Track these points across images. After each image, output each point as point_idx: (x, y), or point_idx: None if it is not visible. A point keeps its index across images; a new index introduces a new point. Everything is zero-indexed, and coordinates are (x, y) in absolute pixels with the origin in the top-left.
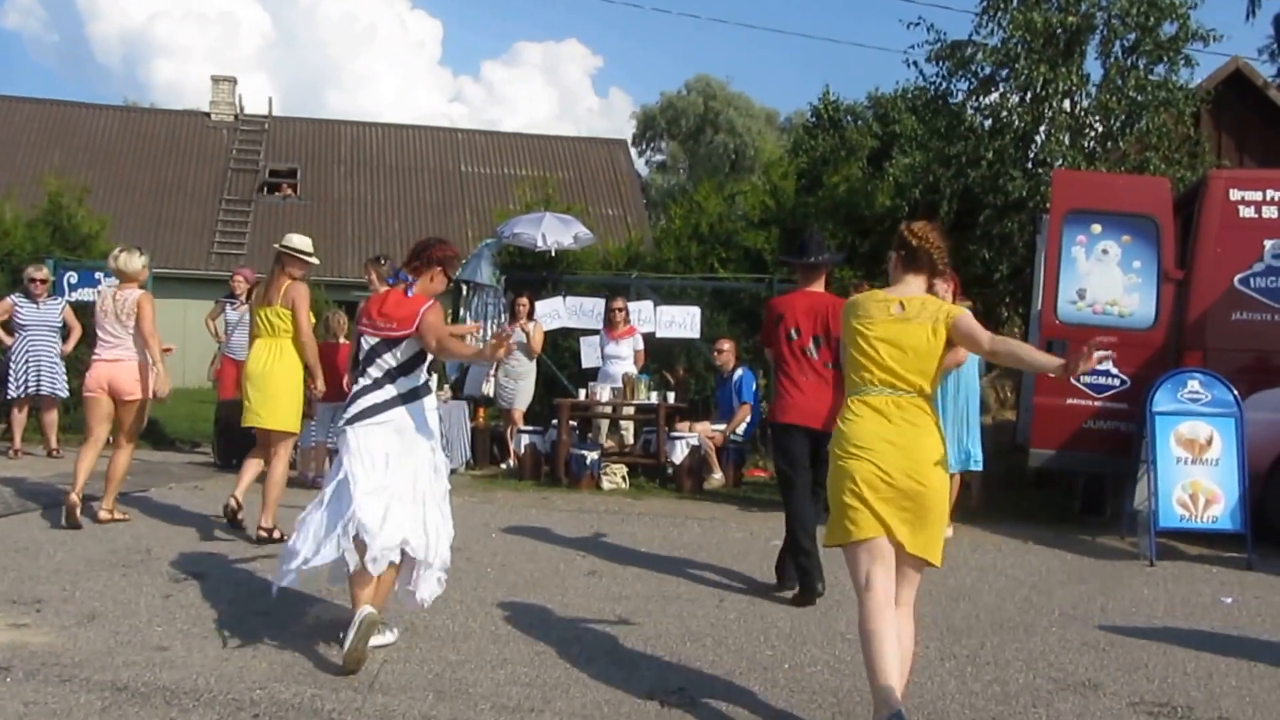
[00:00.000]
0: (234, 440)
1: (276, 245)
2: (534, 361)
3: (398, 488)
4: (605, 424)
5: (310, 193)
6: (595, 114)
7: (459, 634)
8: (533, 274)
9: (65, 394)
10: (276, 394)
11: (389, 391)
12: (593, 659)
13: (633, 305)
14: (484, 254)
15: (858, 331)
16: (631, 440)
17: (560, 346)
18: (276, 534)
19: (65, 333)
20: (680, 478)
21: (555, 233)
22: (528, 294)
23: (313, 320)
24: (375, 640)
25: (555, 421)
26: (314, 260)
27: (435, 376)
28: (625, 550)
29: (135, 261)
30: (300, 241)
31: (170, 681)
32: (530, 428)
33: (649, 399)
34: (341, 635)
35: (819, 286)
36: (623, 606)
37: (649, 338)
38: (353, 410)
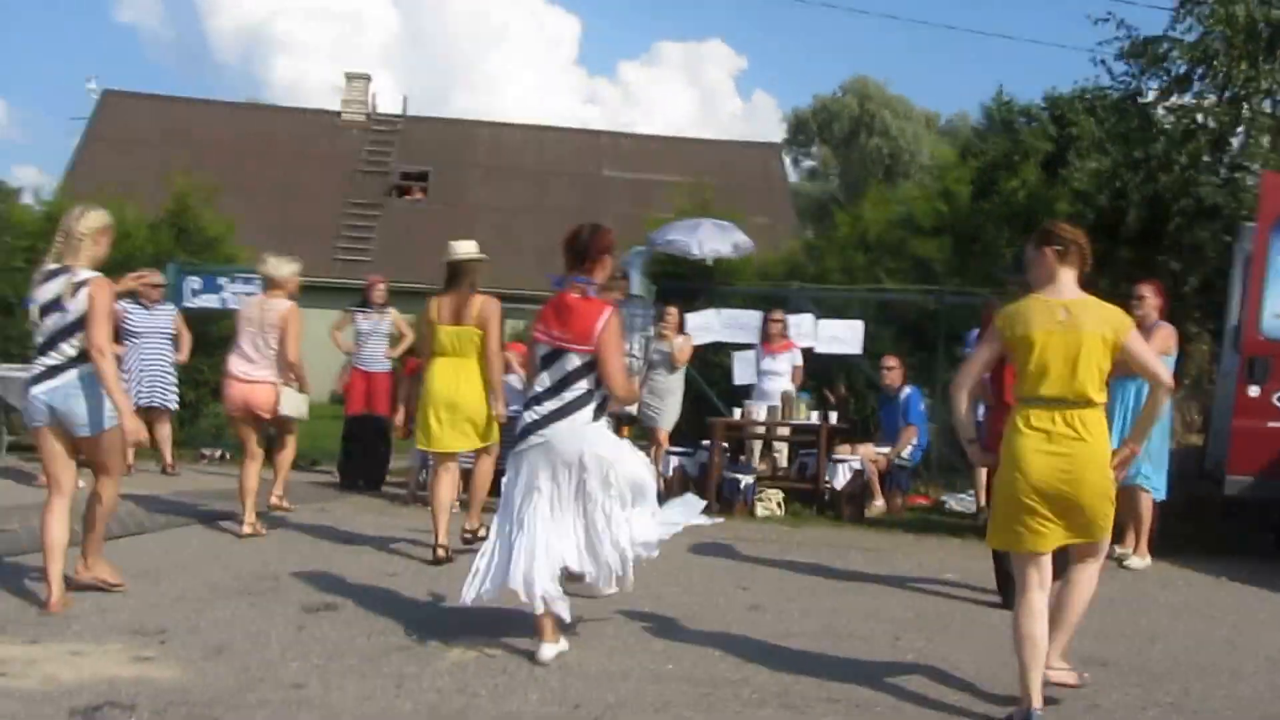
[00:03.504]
0: (360, 459)
1: (453, 257)
2: (681, 377)
3: (545, 521)
4: (758, 446)
5: (442, 196)
6: (738, 118)
7: (616, 674)
8: (686, 284)
9: (176, 406)
10: (464, 417)
11: (555, 403)
12: (764, 703)
13: (791, 319)
14: (634, 262)
15: (1021, 340)
16: (786, 463)
17: (711, 362)
18: (482, 531)
19: (178, 341)
20: (840, 504)
21: (713, 240)
22: (677, 304)
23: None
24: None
25: (706, 442)
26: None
27: None
28: (787, 583)
29: (286, 268)
30: (471, 247)
31: None
32: (678, 449)
33: (809, 419)
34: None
35: None
36: (791, 645)
37: (808, 353)
38: (523, 424)
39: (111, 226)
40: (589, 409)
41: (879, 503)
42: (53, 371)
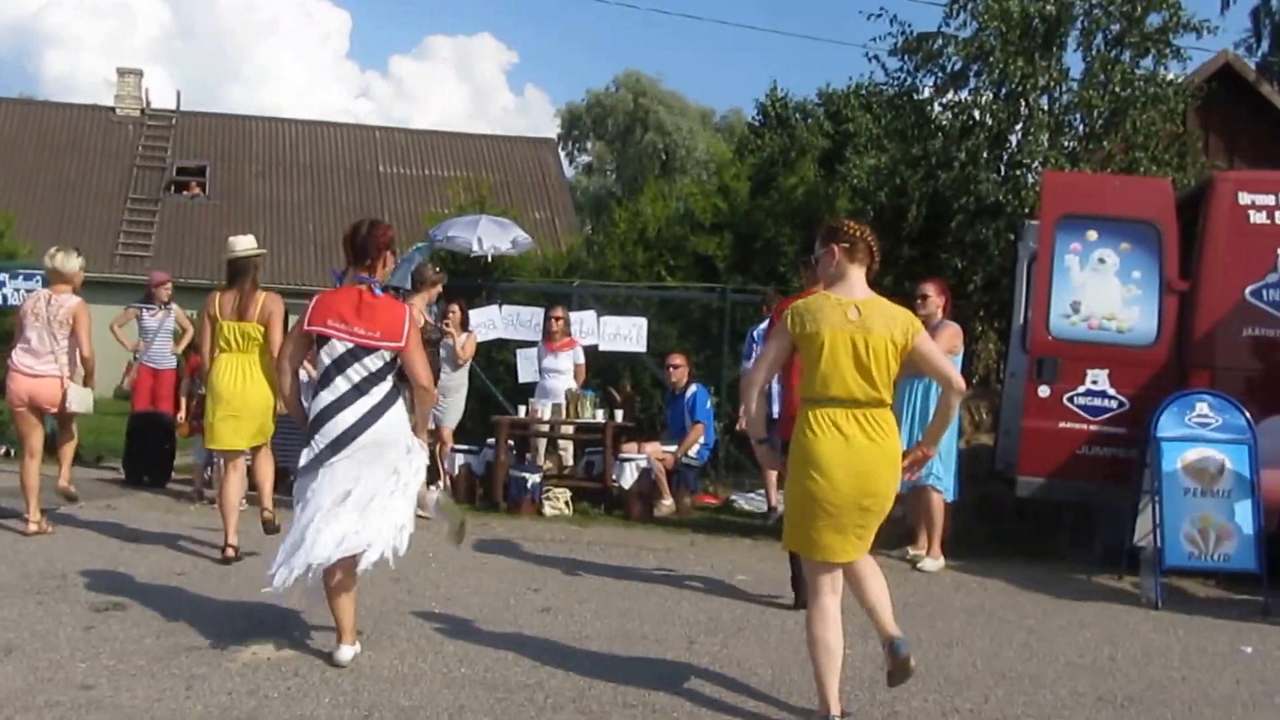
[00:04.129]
0: (145, 456)
1: (233, 254)
2: (465, 375)
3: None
4: (544, 444)
5: (220, 192)
6: (511, 113)
7: (409, 676)
8: (467, 280)
9: None
10: (252, 415)
11: (362, 406)
12: (559, 707)
13: (574, 315)
14: (414, 259)
15: (810, 338)
16: (571, 462)
17: (495, 359)
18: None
19: None
20: (629, 503)
21: (492, 236)
22: (460, 301)
23: None
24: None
25: (491, 441)
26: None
27: None
28: (579, 584)
29: (73, 262)
30: (250, 242)
31: None
32: (464, 447)
33: (594, 417)
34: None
35: None
36: (585, 648)
37: (591, 351)
38: (322, 437)
39: None
40: (400, 405)
41: (667, 502)
42: None
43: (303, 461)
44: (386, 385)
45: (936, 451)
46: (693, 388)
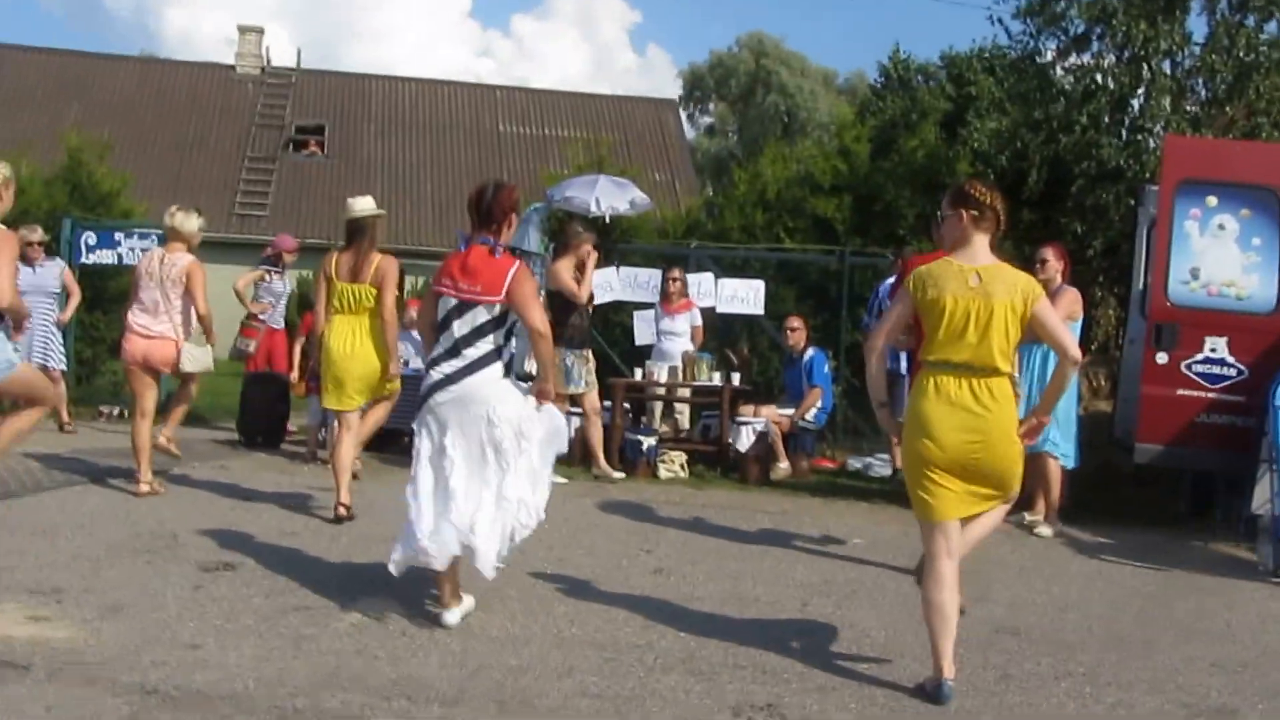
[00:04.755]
0: (258, 416)
1: (352, 214)
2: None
3: (460, 473)
4: (659, 407)
5: (338, 151)
6: (632, 73)
7: (519, 638)
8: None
9: (64, 365)
10: (360, 376)
11: (457, 362)
12: (669, 668)
13: (691, 277)
14: (532, 219)
15: (932, 304)
16: (687, 425)
17: (612, 321)
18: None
19: (65, 299)
20: (745, 467)
21: (610, 197)
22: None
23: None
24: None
25: (607, 403)
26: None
27: None
28: (692, 546)
29: (192, 222)
30: (369, 203)
31: (204, 684)
32: (578, 409)
33: (711, 380)
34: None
35: None
36: (697, 609)
37: (708, 313)
38: (424, 391)
39: (10, 178)
40: (498, 365)
41: (783, 465)
42: None
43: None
44: (486, 344)
45: (1051, 419)
46: (810, 351)
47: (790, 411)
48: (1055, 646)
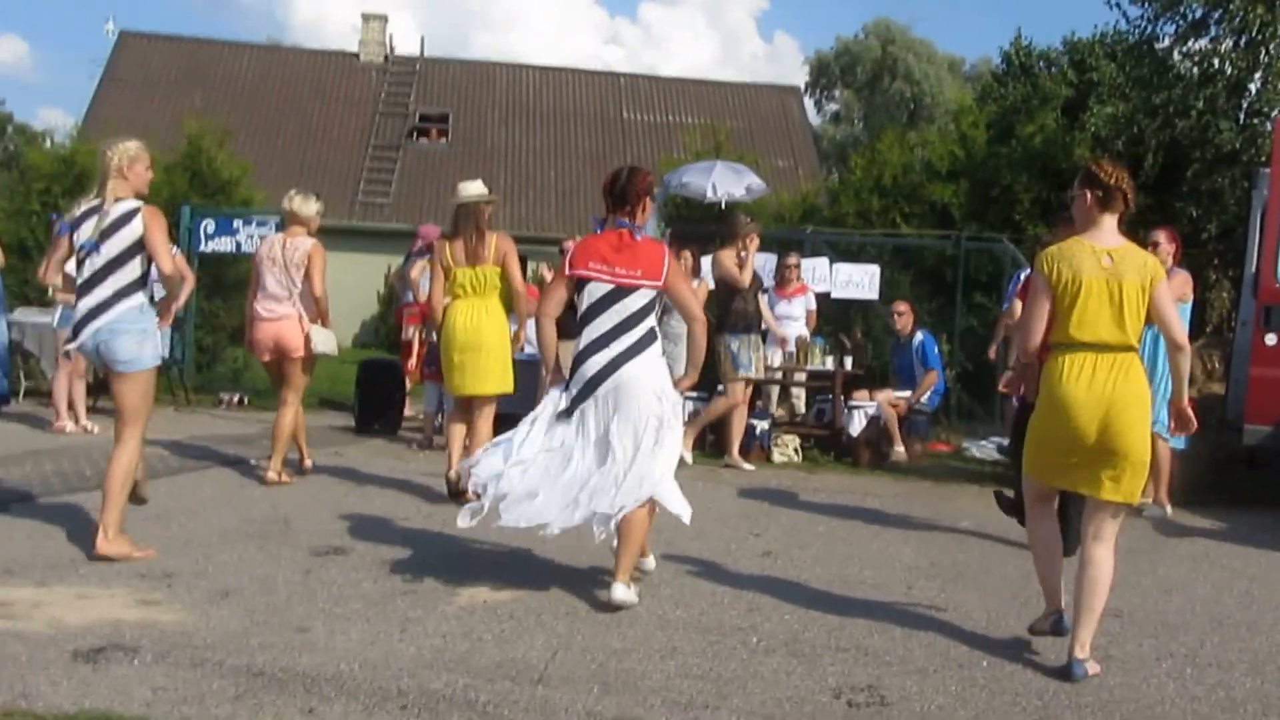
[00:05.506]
0: (375, 402)
1: (461, 199)
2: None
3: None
4: (776, 391)
5: (461, 139)
6: (760, 60)
7: (624, 619)
8: (700, 227)
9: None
10: (494, 357)
11: (617, 348)
12: (771, 650)
13: (806, 262)
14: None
15: (1066, 284)
16: (804, 409)
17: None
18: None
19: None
20: (858, 451)
21: (726, 183)
22: (693, 248)
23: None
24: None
25: (721, 388)
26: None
27: None
28: (801, 530)
29: (311, 205)
30: (480, 188)
31: (310, 667)
32: (693, 394)
33: (824, 364)
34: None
35: None
36: (802, 592)
37: (823, 298)
38: (578, 379)
39: (145, 155)
40: (657, 346)
41: (899, 449)
42: (95, 312)
43: (561, 406)
44: (644, 328)
45: (1160, 396)
46: (919, 335)
47: (906, 394)
48: (1158, 628)
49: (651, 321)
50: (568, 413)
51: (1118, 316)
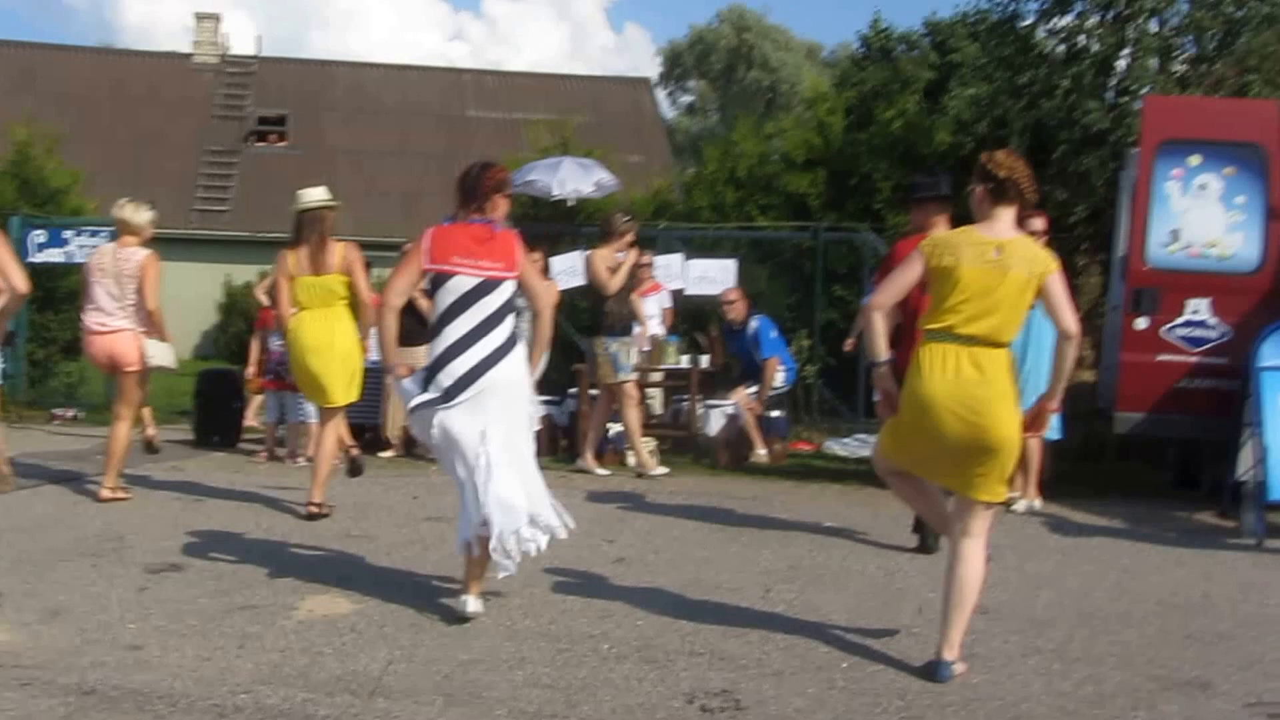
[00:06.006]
0: (213, 414)
1: (302, 206)
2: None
3: (507, 455)
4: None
5: (302, 141)
6: (610, 52)
7: (470, 630)
8: (548, 226)
9: None
10: (342, 367)
11: (490, 344)
12: (623, 657)
13: (659, 259)
14: None
15: (945, 272)
16: (660, 410)
17: (579, 307)
18: (327, 509)
19: None
20: (716, 451)
21: (574, 180)
22: (542, 249)
23: None
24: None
25: (573, 390)
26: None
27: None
28: (656, 534)
29: (143, 214)
30: (322, 193)
31: (143, 684)
32: (545, 398)
33: (679, 364)
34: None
35: (945, 228)
36: (656, 598)
37: (678, 295)
38: (447, 375)
39: None
40: (522, 344)
41: (761, 451)
42: None
43: (421, 400)
44: (509, 325)
45: (1030, 385)
46: (754, 322)
47: (755, 389)
48: (1025, 623)
49: (513, 317)
50: (430, 409)
51: (993, 311)
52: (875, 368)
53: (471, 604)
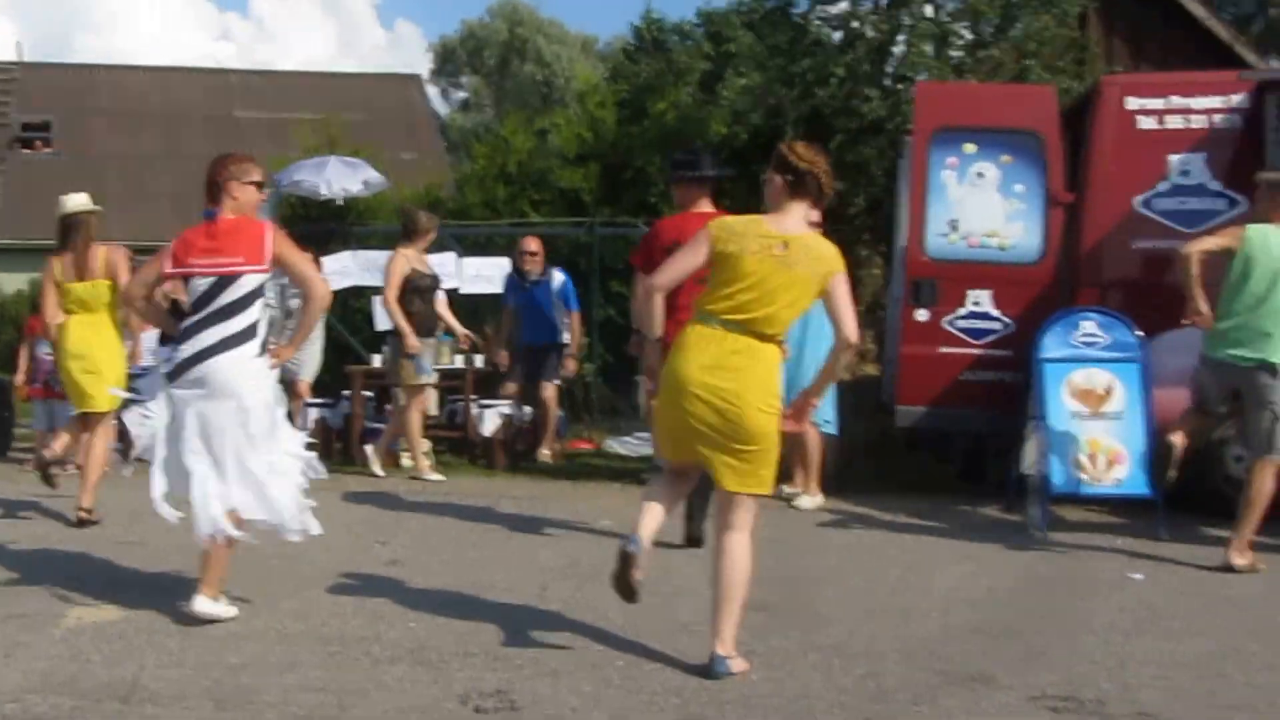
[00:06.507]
0: None
1: (64, 211)
2: (320, 326)
3: (223, 455)
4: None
5: (68, 147)
6: (382, 49)
7: (240, 634)
8: (318, 227)
9: None
10: (109, 371)
11: (213, 335)
12: (396, 659)
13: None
14: (261, 207)
15: (728, 258)
16: (434, 411)
17: (351, 307)
18: (97, 516)
19: None
20: (492, 452)
21: (341, 179)
22: (313, 250)
23: None
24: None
25: (347, 393)
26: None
27: None
28: (431, 536)
29: None
30: (83, 199)
31: None
32: (319, 400)
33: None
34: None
35: (708, 207)
36: (430, 600)
37: (452, 294)
38: (168, 363)
39: None
40: (255, 343)
41: (545, 451)
42: None
43: (151, 389)
44: (244, 321)
45: (820, 402)
46: (558, 274)
47: (566, 366)
48: (806, 620)
49: (254, 315)
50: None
51: (768, 304)
52: (645, 341)
53: (199, 603)
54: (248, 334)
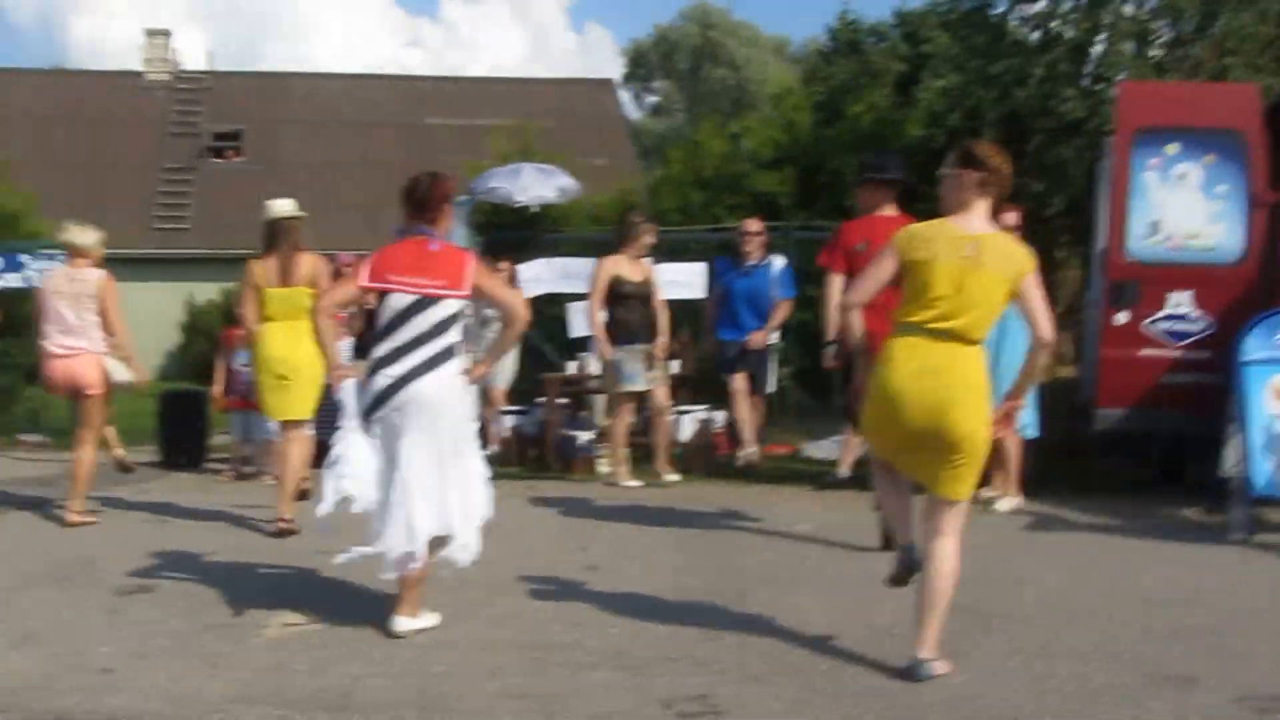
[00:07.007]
0: (178, 435)
1: (271, 216)
2: None
3: (424, 475)
4: (600, 400)
5: (259, 156)
6: (572, 53)
7: (444, 642)
8: (513, 234)
9: None
10: (307, 381)
11: (415, 359)
12: (597, 665)
13: None
14: (457, 214)
15: (920, 266)
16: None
17: (546, 314)
18: (296, 526)
19: None
20: (688, 457)
21: (536, 186)
22: (508, 258)
23: None
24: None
25: (542, 400)
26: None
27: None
28: (629, 541)
29: (89, 234)
30: (290, 205)
31: (116, 708)
32: (514, 408)
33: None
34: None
35: (893, 211)
36: (630, 605)
37: None
38: (371, 390)
39: None
40: (457, 362)
41: (751, 449)
42: None
43: (352, 412)
44: (444, 341)
45: (1024, 404)
46: (778, 259)
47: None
48: (1009, 622)
49: (454, 336)
50: (358, 421)
51: (966, 308)
52: (855, 356)
53: (399, 623)
54: (448, 354)
